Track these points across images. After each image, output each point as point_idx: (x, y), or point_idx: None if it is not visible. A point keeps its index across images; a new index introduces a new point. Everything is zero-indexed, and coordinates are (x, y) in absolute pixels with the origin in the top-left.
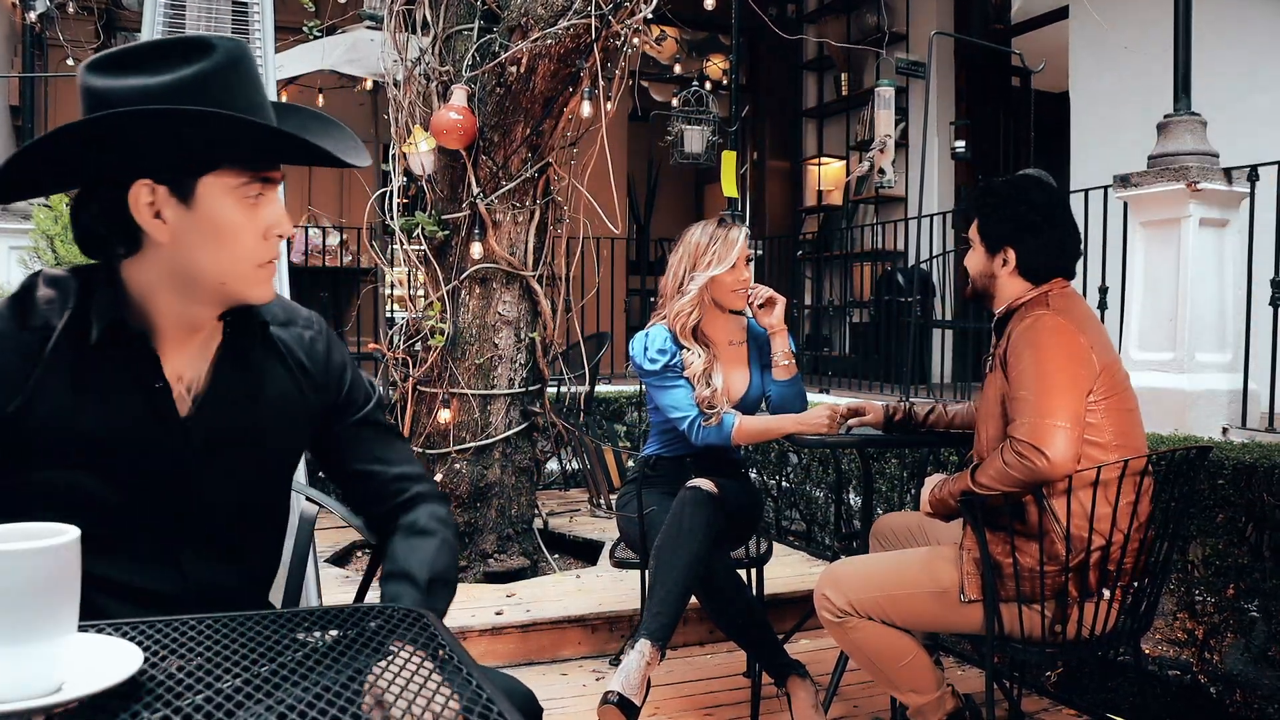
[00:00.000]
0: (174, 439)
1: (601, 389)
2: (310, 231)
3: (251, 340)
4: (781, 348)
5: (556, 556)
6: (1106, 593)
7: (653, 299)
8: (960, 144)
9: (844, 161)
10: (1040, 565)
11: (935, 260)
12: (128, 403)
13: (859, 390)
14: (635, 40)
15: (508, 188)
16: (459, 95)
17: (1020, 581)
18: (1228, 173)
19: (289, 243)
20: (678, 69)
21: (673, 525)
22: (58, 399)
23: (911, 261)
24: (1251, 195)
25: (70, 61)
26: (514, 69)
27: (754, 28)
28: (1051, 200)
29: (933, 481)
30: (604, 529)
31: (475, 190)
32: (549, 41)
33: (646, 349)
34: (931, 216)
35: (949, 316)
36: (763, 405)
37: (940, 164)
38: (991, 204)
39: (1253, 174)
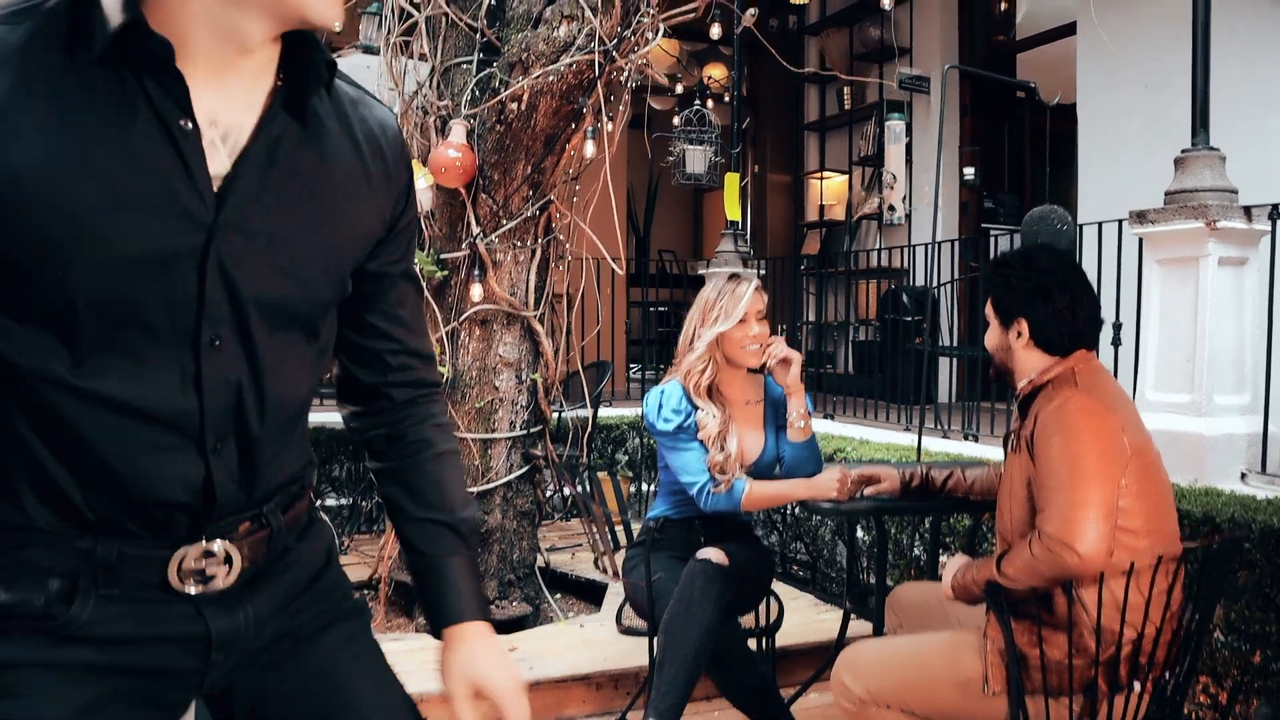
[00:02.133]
0: (198, 207)
1: (602, 412)
2: None
3: (314, 86)
4: (797, 408)
5: (559, 597)
6: (1137, 685)
7: (651, 308)
8: (970, 171)
9: (846, 176)
10: (1069, 658)
11: (942, 288)
12: (137, 149)
13: (862, 414)
14: (643, 73)
15: (508, 226)
16: (458, 131)
17: (1047, 674)
18: (1247, 210)
19: None
20: (679, 87)
21: (682, 600)
22: (34, 136)
23: (917, 280)
24: (1273, 234)
25: None
26: (515, 106)
27: (754, 39)
28: (1062, 266)
29: (956, 564)
30: (607, 567)
31: (475, 230)
32: (551, 78)
33: (661, 407)
34: (940, 243)
35: (955, 342)
36: (776, 469)
37: (945, 188)
38: (1003, 275)
39: (1274, 213)
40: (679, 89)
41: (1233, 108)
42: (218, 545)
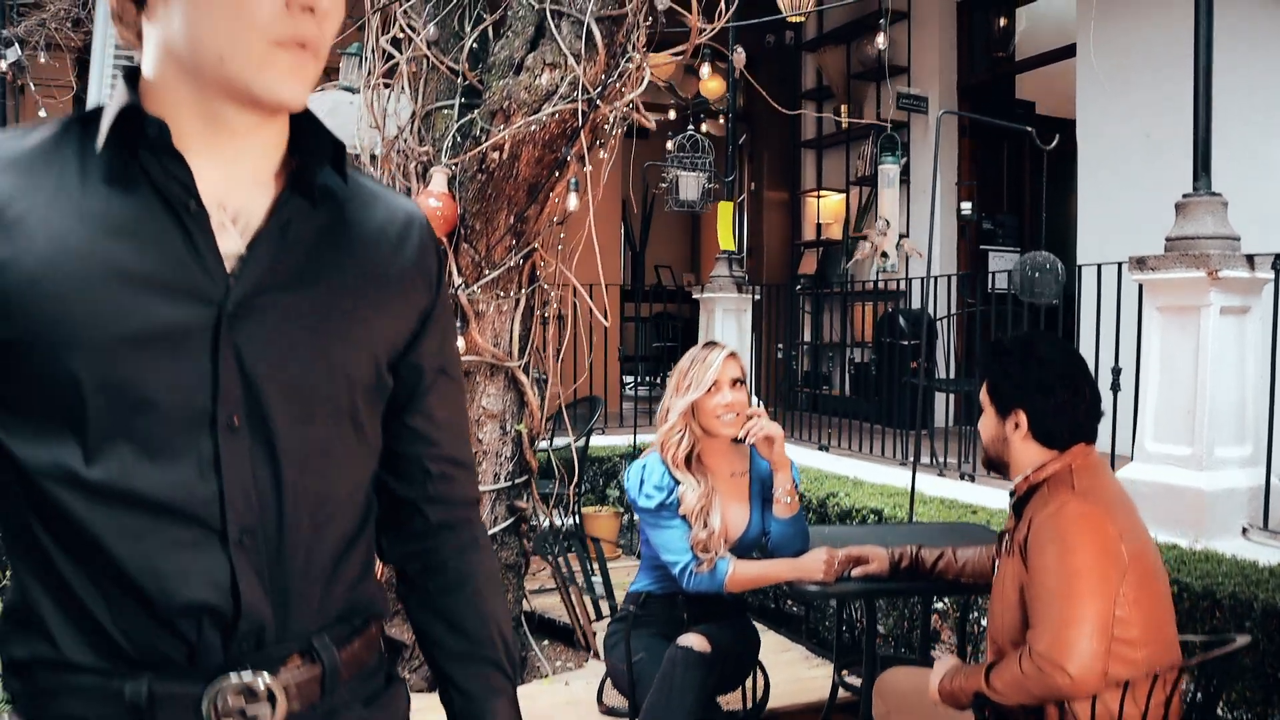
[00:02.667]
0: (208, 284)
1: (595, 441)
2: None
3: (318, 163)
4: (784, 484)
5: (546, 644)
6: None
7: (646, 318)
8: (967, 206)
9: (843, 195)
10: None
11: (939, 322)
12: (144, 230)
13: (857, 445)
14: (630, 117)
15: (491, 276)
16: (439, 179)
17: None
18: (1250, 259)
19: None
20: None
21: (662, 689)
22: (38, 222)
23: (913, 302)
24: (1276, 283)
25: (43, 113)
26: (496, 155)
27: (752, 55)
28: (1063, 356)
29: (944, 667)
30: (589, 645)
31: (457, 281)
32: (533, 128)
33: (643, 483)
34: (935, 277)
35: (952, 373)
36: (763, 542)
37: (943, 219)
38: (1001, 364)
39: (1277, 262)
40: (672, 109)
41: (1234, 139)
42: (260, 681)
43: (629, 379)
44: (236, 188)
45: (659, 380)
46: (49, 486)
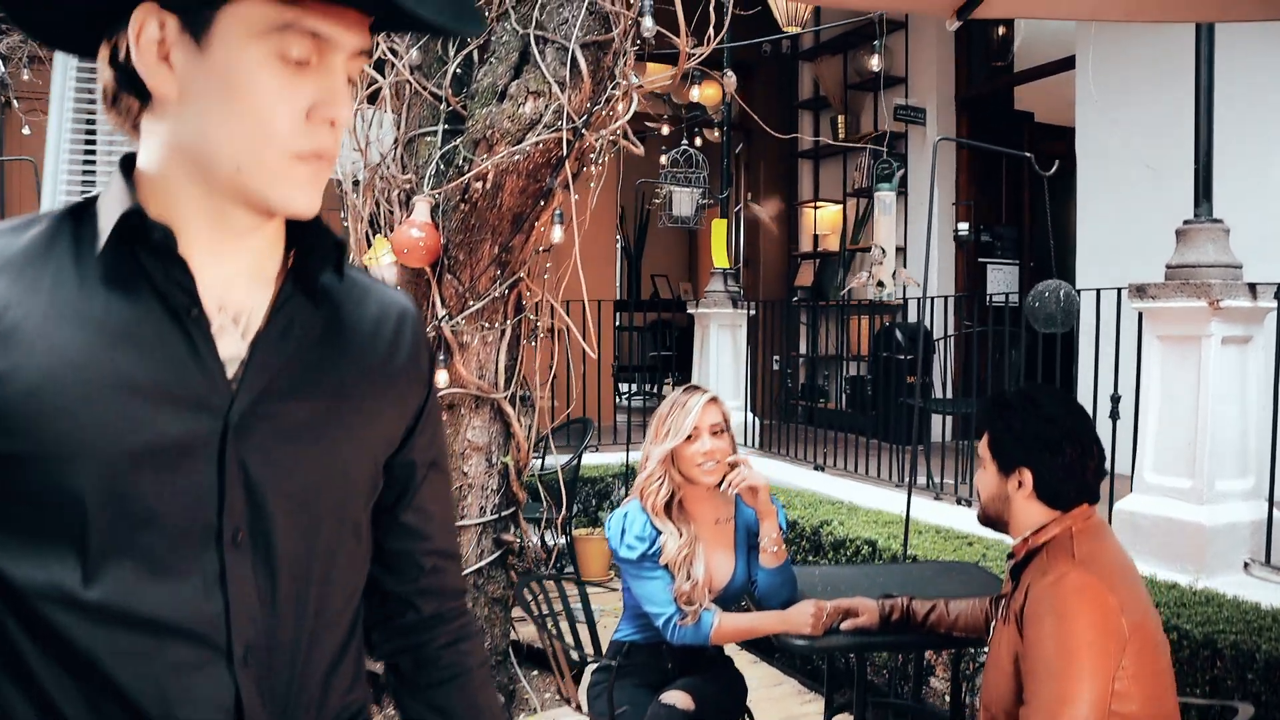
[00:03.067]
0: (212, 393)
1: (587, 461)
2: None
3: (322, 266)
4: (770, 533)
5: (535, 675)
6: None
7: (642, 328)
8: (964, 226)
9: (840, 206)
10: None
11: (937, 342)
12: (145, 338)
13: (853, 465)
14: (618, 142)
15: (475, 308)
16: (421, 209)
17: None
18: (1252, 287)
19: None
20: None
21: None
22: (37, 331)
23: (910, 316)
24: (1279, 312)
25: (26, 130)
26: (479, 185)
27: (748, 63)
28: (1068, 411)
29: None
30: (570, 698)
31: (440, 312)
32: (517, 157)
33: (624, 533)
34: (933, 298)
35: (950, 391)
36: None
37: (941, 233)
38: (1004, 419)
39: None
40: (666, 123)
41: (1236, 160)
42: None
43: (628, 386)
44: (236, 286)
45: (656, 390)
46: (42, 606)
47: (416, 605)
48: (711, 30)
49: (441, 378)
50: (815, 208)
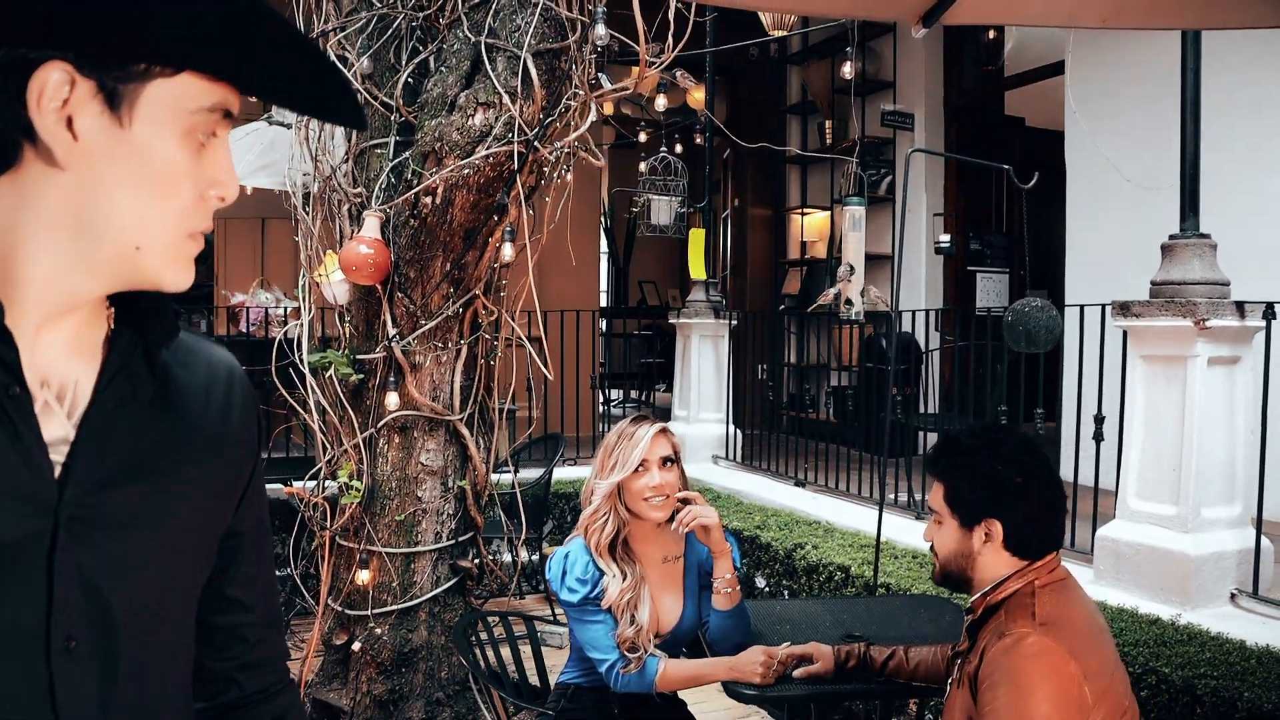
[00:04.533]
0: (37, 486)
1: (563, 474)
2: (264, 296)
3: (165, 340)
4: (724, 573)
5: (498, 698)
6: None
7: (635, 335)
8: (945, 238)
9: (827, 212)
10: None
11: (928, 354)
12: None
13: (834, 481)
14: (577, 154)
15: (427, 327)
16: (371, 224)
17: None
18: (1240, 306)
19: (244, 314)
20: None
21: None
22: None
23: (899, 326)
24: (1268, 332)
25: None
26: (429, 200)
27: (735, 67)
28: (1032, 455)
29: None
30: (554, 664)
31: (391, 332)
32: (466, 171)
33: (565, 574)
34: (914, 312)
35: (936, 405)
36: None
37: (929, 244)
38: (961, 467)
39: (1269, 311)
40: (643, 131)
41: (1227, 172)
42: None
43: (617, 394)
44: (58, 360)
45: (644, 398)
46: None
47: (239, 681)
48: (671, 39)
49: (392, 400)
50: (803, 214)
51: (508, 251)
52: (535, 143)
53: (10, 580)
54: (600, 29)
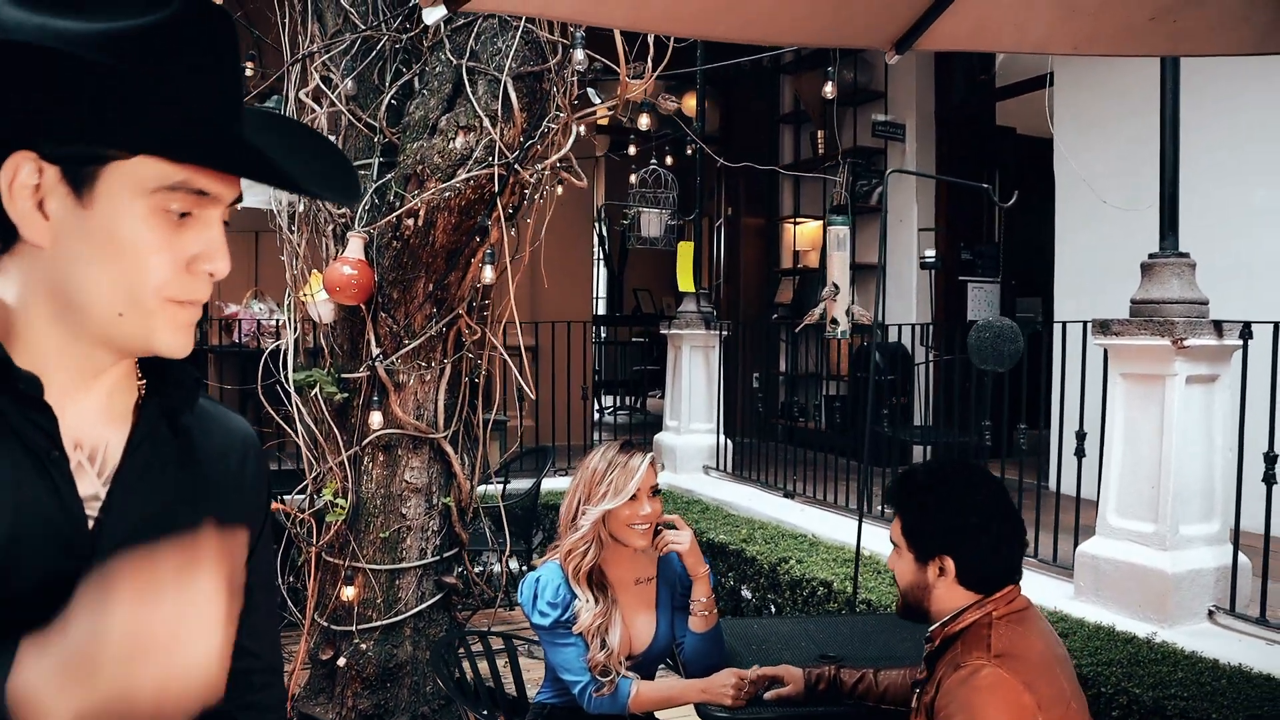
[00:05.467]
0: (74, 536)
1: (555, 485)
2: (256, 306)
3: (187, 403)
4: (701, 594)
5: (484, 714)
6: None
7: (632, 341)
8: (930, 254)
9: (820, 222)
10: None
11: (918, 367)
12: (7, 483)
13: (822, 493)
14: (560, 175)
15: (410, 347)
16: (355, 245)
17: None
18: (1218, 325)
19: (237, 325)
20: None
21: None
22: None
23: (890, 336)
24: (1244, 351)
25: None
26: (411, 222)
27: (729, 77)
28: (990, 492)
29: None
30: (537, 678)
31: (375, 351)
32: (447, 194)
33: (537, 598)
34: (885, 325)
35: (929, 418)
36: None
37: (919, 264)
38: (917, 502)
39: (1245, 331)
40: (633, 144)
41: (1209, 190)
42: None
43: (611, 400)
44: (91, 423)
45: (638, 404)
46: None
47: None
48: (650, 62)
49: (376, 419)
50: (796, 223)
51: (488, 273)
52: (516, 165)
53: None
54: (579, 54)
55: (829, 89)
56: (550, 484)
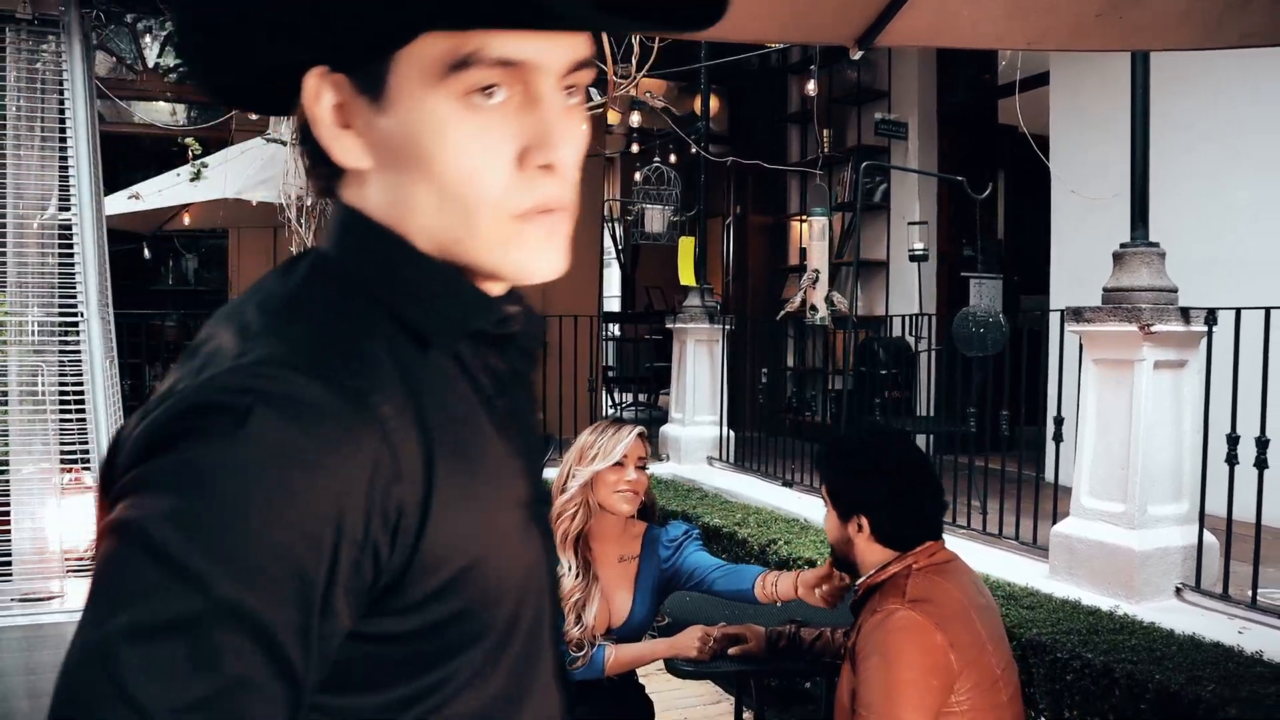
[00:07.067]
0: (526, 489)
1: (552, 474)
2: None
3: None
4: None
5: None
6: None
7: (646, 338)
8: (919, 246)
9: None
10: None
11: (920, 355)
12: (485, 434)
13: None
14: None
15: None
16: None
17: None
18: (1185, 312)
19: None
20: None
21: None
22: (451, 485)
23: (894, 330)
24: (1209, 337)
25: None
26: None
27: (739, 77)
28: (906, 462)
29: None
30: None
31: None
32: None
33: None
34: (857, 324)
35: (932, 408)
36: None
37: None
38: (839, 465)
39: (1210, 318)
40: (635, 143)
41: (1185, 182)
42: None
43: (624, 397)
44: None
45: (651, 400)
46: None
47: None
48: (634, 63)
49: None
50: (802, 221)
51: None
52: None
53: (532, 532)
54: None
55: (811, 87)
56: (553, 473)
